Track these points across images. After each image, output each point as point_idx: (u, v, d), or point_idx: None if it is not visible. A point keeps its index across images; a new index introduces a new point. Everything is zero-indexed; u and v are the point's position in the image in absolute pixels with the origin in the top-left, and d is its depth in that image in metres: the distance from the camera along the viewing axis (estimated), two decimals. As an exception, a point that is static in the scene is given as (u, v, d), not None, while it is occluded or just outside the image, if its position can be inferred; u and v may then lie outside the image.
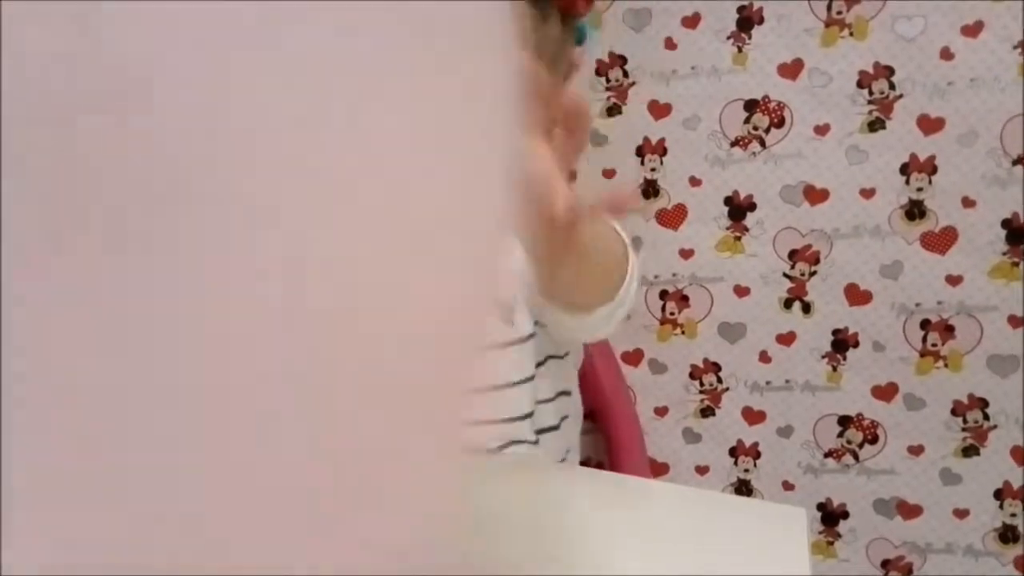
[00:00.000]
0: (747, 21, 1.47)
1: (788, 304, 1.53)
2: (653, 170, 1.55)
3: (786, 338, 1.54)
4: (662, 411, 1.62)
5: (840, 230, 1.49)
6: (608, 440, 1.55)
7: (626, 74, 1.53)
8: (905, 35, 1.40)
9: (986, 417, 1.48)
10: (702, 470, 1.63)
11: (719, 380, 1.59)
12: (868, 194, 1.47)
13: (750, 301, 1.55)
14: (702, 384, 1.60)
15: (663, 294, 1.58)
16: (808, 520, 1.05)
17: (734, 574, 0.53)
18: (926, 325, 1.48)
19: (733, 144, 1.51)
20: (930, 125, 1.42)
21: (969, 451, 1.50)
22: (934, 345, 1.48)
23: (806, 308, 1.52)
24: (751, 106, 1.49)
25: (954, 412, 1.49)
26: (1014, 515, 1.50)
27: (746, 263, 1.54)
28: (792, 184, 1.50)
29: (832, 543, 1.59)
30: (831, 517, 1.58)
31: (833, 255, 1.50)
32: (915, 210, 1.45)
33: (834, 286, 1.51)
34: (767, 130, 1.49)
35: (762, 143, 1.50)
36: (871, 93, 1.44)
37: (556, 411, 0.88)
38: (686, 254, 1.55)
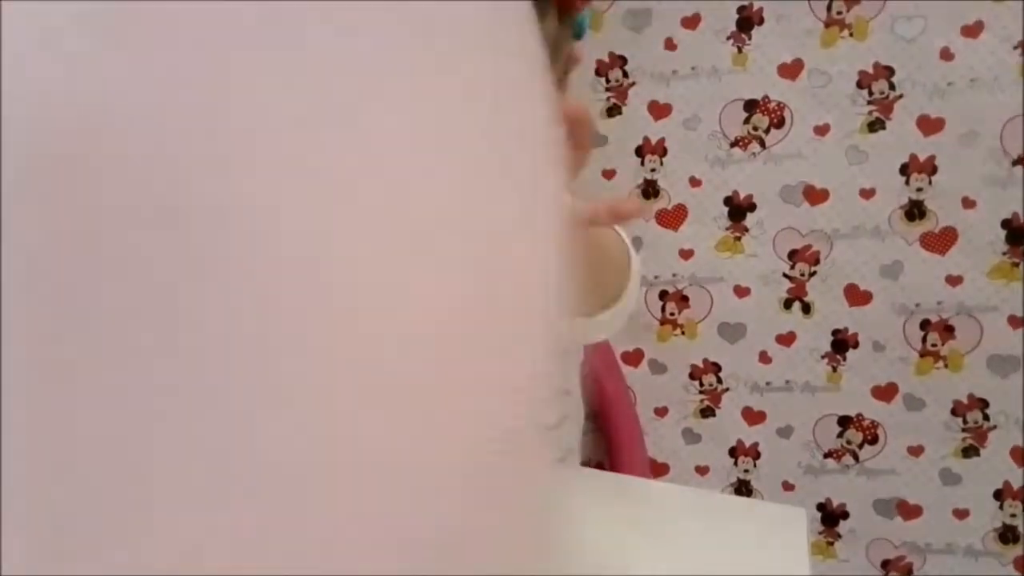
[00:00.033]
0: (747, 21, 1.47)
1: (788, 304, 1.53)
2: (653, 170, 1.55)
3: (786, 338, 1.54)
4: (662, 411, 1.62)
5: (840, 230, 1.49)
6: (608, 440, 1.55)
7: (626, 74, 1.54)
8: (905, 35, 1.40)
9: (986, 417, 1.48)
10: (702, 470, 1.63)
11: (719, 380, 1.59)
12: (868, 194, 1.47)
13: (750, 301, 1.55)
14: (702, 384, 1.60)
15: (663, 294, 1.58)
16: (808, 520, 1.05)
17: (734, 574, 0.53)
18: (926, 325, 1.48)
19: (733, 144, 1.51)
20: (930, 125, 1.42)
21: (969, 451, 1.50)
22: (934, 345, 1.48)
23: (806, 308, 1.52)
24: (751, 106, 1.49)
25: (954, 412, 1.49)
26: (1014, 515, 1.50)
27: (746, 263, 1.54)
28: (792, 184, 1.50)
29: (832, 543, 1.59)
30: (831, 517, 1.58)
31: (833, 255, 1.50)
32: (915, 210, 1.45)
33: (834, 286, 1.51)
34: (767, 130, 1.49)
35: (762, 143, 1.50)
36: (871, 93, 1.44)
37: (555, 411, 0.88)
38: (686, 254, 1.56)
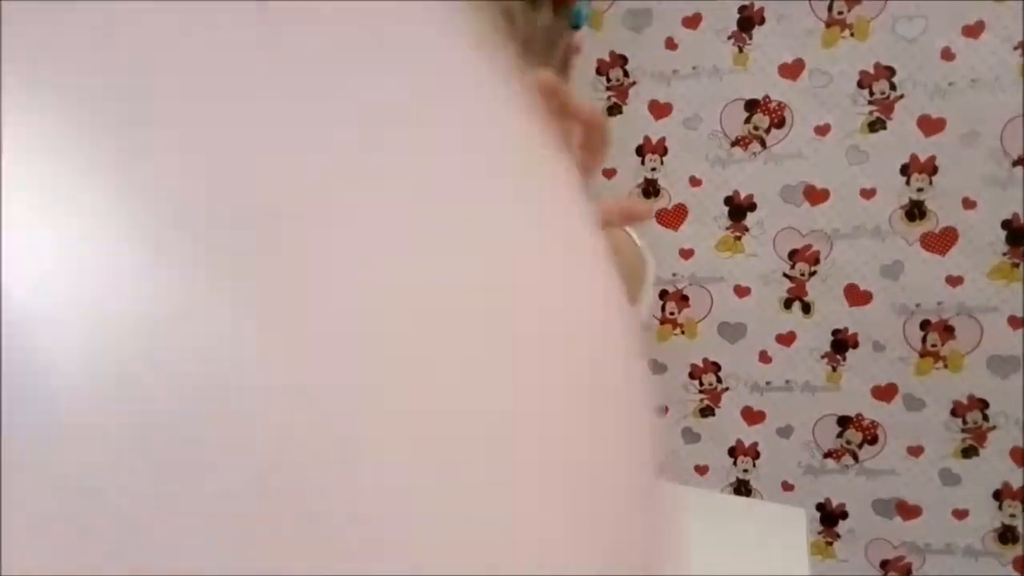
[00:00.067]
0: (748, 21, 1.47)
1: (788, 304, 1.53)
2: (653, 170, 1.55)
3: (786, 338, 1.54)
4: (662, 411, 1.63)
5: (840, 230, 1.49)
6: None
7: (627, 74, 1.53)
8: (906, 35, 1.40)
9: (985, 418, 1.48)
10: (701, 470, 1.63)
11: (719, 380, 1.59)
12: (868, 194, 1.47)
13: (750, 301, 1.55)
14: (702, 384, 1.60)
15: (663, 294, 1.58)
16: (807, 520, 1.05)
17: (734, 574, 0.53)
18: (926, 325, 1.48)
19: (734, 144, 1.51)
20: (931, 125, 1.42)
21: (969, 452, 1.50)
22: (934, 345, 1.48)
23: (806, 308, 1.52)
24: (752, 106, 1.49)
25: (954, 413, 1.49)
26: (1013, 515, 1.50)
27: (746, 263, 1.54)
28: (792, 184, 1.50)
29: (831, 543, 1.59)
30: (830, 517, 1.58)
31: (833, 255, 1.50)
32: (915, 210, 1.45)
33: (834, 286, 1.51)
34: (768, 130, 1.49)
35: (763, 143, 1.50)
36: (872, 93, 1.44)
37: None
38: (686, 254, 1.56)
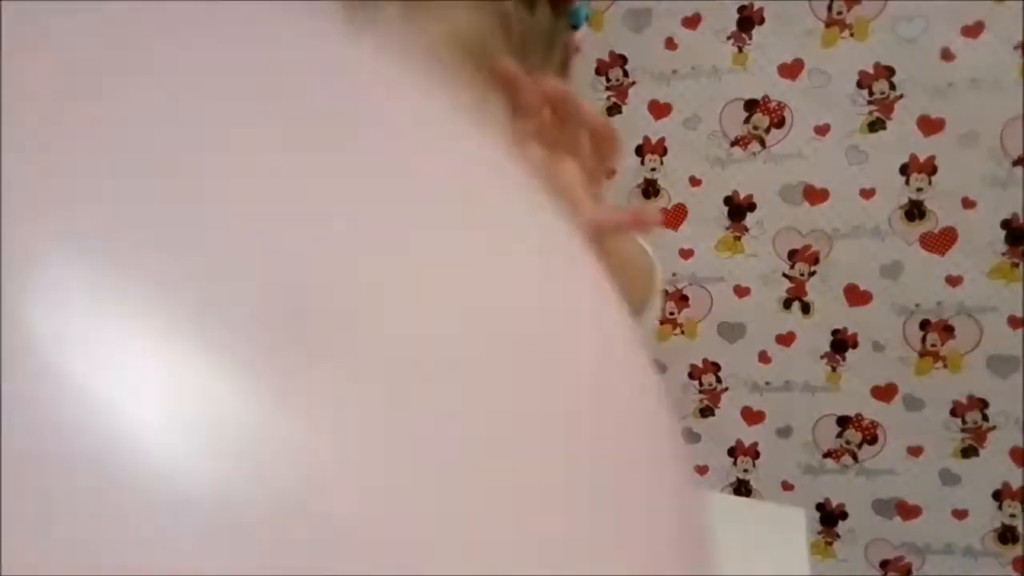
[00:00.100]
0: (747, 21, 1.47)
1: (788, 304, 1.53)
2: (653, 170, 1.55)
3: (785, 338, 1.54)
4: (661, 411, 1.62)
5: (840, 230, 1.49)
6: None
7: (626, 74, 1.53)
8: (906, 36, 1.40)
9: (985, 418, 1.48)
10: (701, 470, 1.63)
11: (718, 380, 1.59)
12: (868, 194, 1.47)
13: (750, 301, 1.55)
14: (701, 384, 1.60)
15: (663, 294, 1.58)
16: (807, 520, 1.05)
17: (733, 574, 0.53)
18: (925, 325, 1.48)
19: (733, 144, 1.51)
20: (930, 126, 1.42)
21: (968, 452, 1.50)
22: (933, 345, 1.48)
23: (805, 308, 1.52)
24: (751, 106, 1.49)
25: (953, 413, 1.49)
26: (1013, 516, 1.50)
27: (746, 263, 1.54)
28: (792, 184, 1.50)
29: (831, 543, 1.59)
30: (830, 517, 1.58)
31: (833, 255, 1.50)
32: (915, 210, 1.45)
33: (834, 286, 1.51)
34: (767, 130, 1.49)
35: (762, 143, 1.50)
36: (871, 93, 1.44)
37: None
38: (686, 254, 1.55)
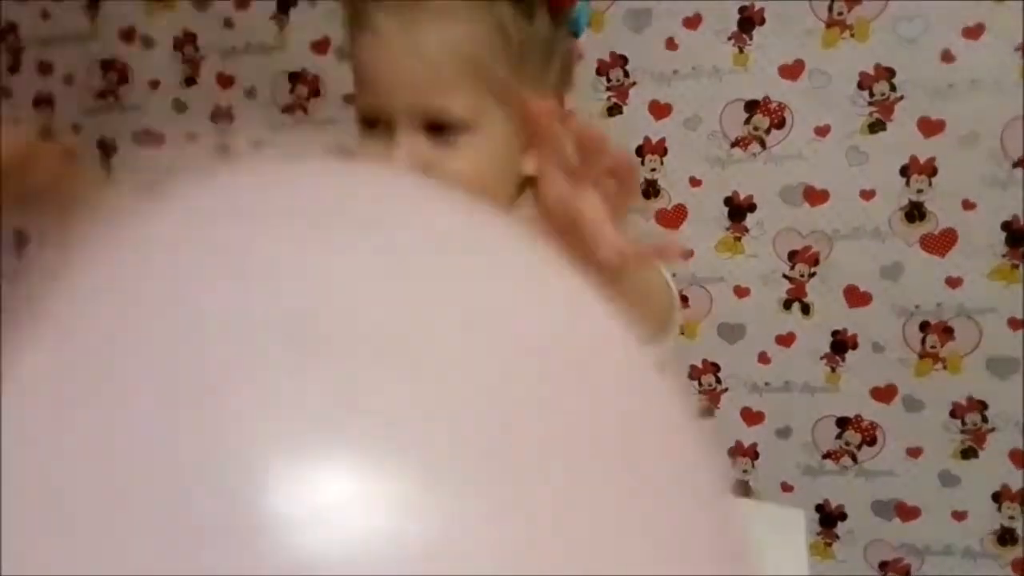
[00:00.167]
0: (748, 22, 1.47)
1: (787, 305, 1.53)
2: (653, 170, 1.55)
3: (785, 339, 1.54)
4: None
5: (840, 231, 1.48)
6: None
7: (627, 74, 1.53)
8: (906, 36, 1.40)
9: (985, 419, 1.48)
10: (700, 471, 1.62)
11: (718, 380, 1.59)
12: (868, 195, 1.46)
13: (750, 302, 1.54)
14: (701, 384, 1.60)
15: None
16: (806, 521, 1.05)
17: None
18: (925, 327, 1.48)
19: (733, 145, 1.51)
20: (930, 127, 1.42)
21: (968, 453, 1.49)
22: (933, 347, 1.48)
23: (805, 309, 1.52)
24: (752, 107, 1.49)
25: (953, 414, 1.49)
26: (1012, 517, 1.49)
27: (746, 264, 1.54)
28: (792, 185, 1.49)
29: (830, 544, 1.59)
30: (829, 518, 1.58)
31: (833, 256, 1.50)
32: (915, 212, 1.45)
33: (834, 287, 1.50)
34: (767, 131, 1.49)
35: (762, 144, 1.49)
36: (872, 94, 1.44)
37: None
38: (686, 254, 1.55)
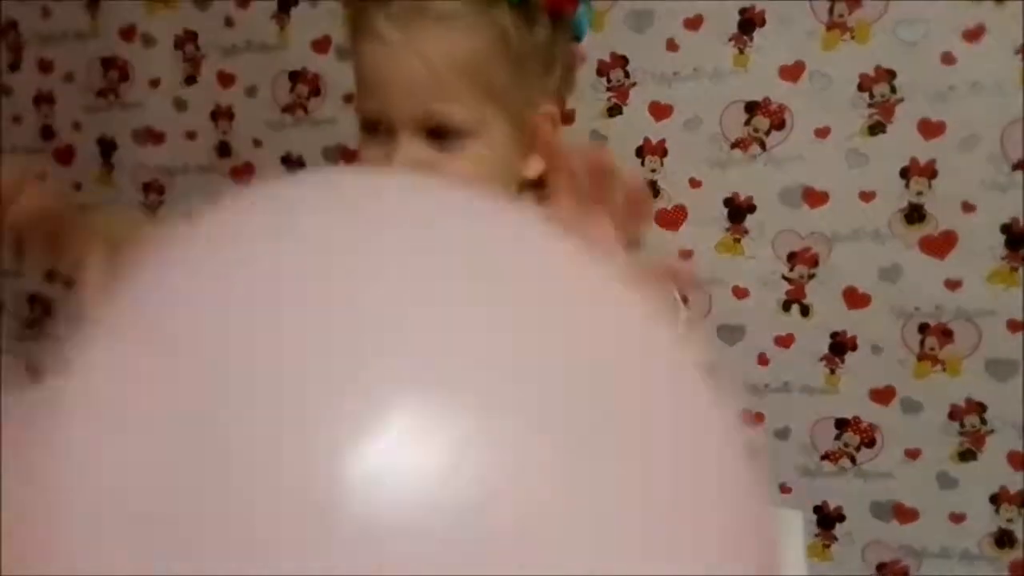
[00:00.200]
0: (749, 23, 1.47)
1: (787, 306, 1.53)
2: (653, 171, 1.55)
3: (784, 340, 1.54)
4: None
5: (839, 233, 1.48)
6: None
7: (627, 75, 1.53)
8: (907, 39, 1.40)
9: (983, 422, 1.48)
10: (699, 472, 1.62)
11: (717, 382, 1.59)
12: (868, 197, 1.46)
13: (749, 303, 1.54)
14: (700, 385, 1.60)
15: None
16: (804, 523, 1.05)
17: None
18: (924, 329, 1.48)
19: (733, 146, 1.51)
20: (930, 129, 1.42)
21: (966, 455, 1.49)
22: (932, 349, 1.48)
23: (804, 310, 1.52)
24: (752, 108, 1.49)
25: (952, 416, 1.49)
26: (1010, 520, 1.49)
27: (745, 265, 1.53)
28: (792, 186, 1.50)
29: (828, 546, 1.59)
30: (827, 520, 1.58)
31: (832, 258, 1.50)
32: (915, 214, 1.45)
33: (833, 289, 1.50)
34: (768, 132, 1.49)
35: (763, 145, 1.49)
36: (872, 96, 1.44)
37: None
38: (685, 255, 1.55)
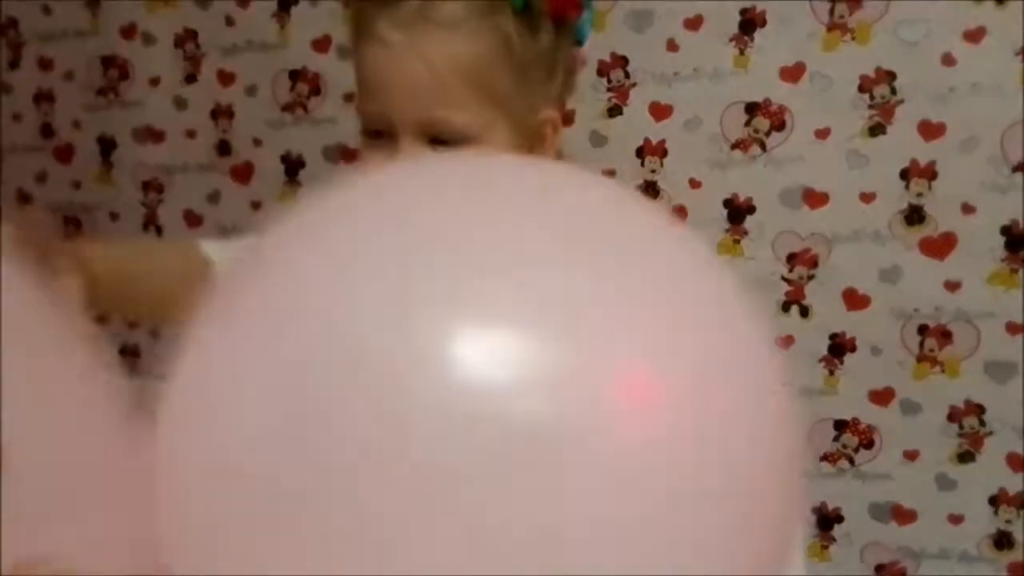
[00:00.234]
0: (749, 24, 1.47)
1: (786, 307, 1.53)
2: (653, 171, 1.55)
3: (783, 341, 1.54)
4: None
5: (839, 234, 1.48)
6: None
7: (627, 75, 1.53)
8: (907, 40, 1.40)
9: (982, 423, 1.48)
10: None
11: (716, 382, 1.59)
12: (868, 198, 1.46)
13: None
14: (699, 386, 1.60)
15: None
16: (803, 524, 1.05)
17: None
18: (924, 330, 1.48)
19: (734, 147, 1.50)
20: (931, 130, 1.42)
21: (965, 457, 1.49)
22: (931, 350, 1.48)
23: (804, 311, 1.52)
24: (752, 109, 1.49)
25: (950, 418, 1.49)
26: (1009, 521, 1.49)
27: (744, 266, 1.53)
28: (792, 187, 1.49)
29: (827, 547, 1.58)
30: (826, 521, 1.58)
31: (832, 259, 1.50)
32: (914, 215, 1.45)
33: (832, 290, 1.50)
34: (768, 133, 1.49)
35: (763, 146, 1.49)
36: (872, 97, 1.44)
37: None
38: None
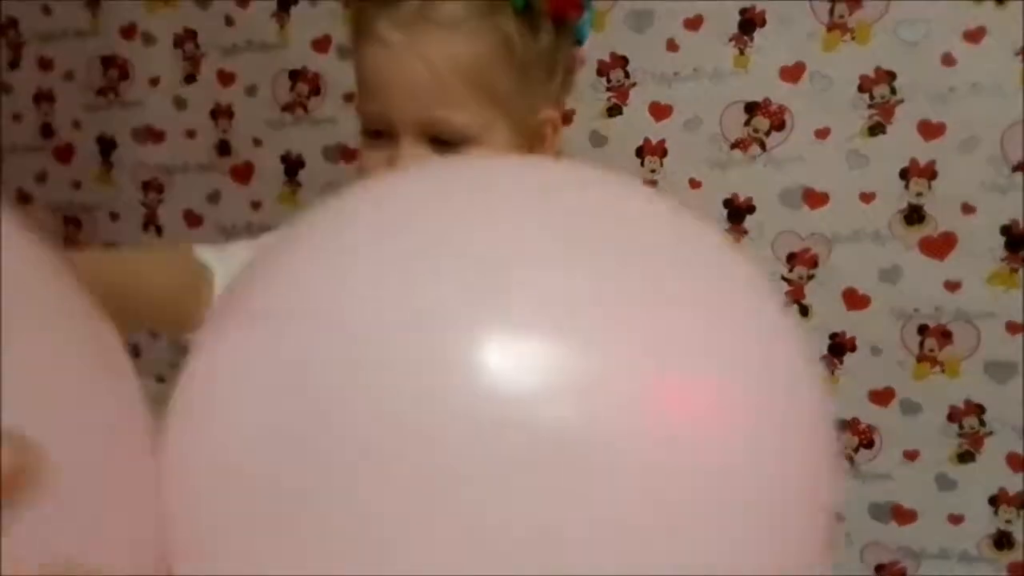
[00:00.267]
0: (749, 23, 1.47)
1: (786, 307, 1.53)
2: (653, 171, 1.54)
3: (784, 341, 1.54)
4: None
5: (839, 234, 1.48)
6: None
7: (627, 75, 1.53)
8: (907, 40, 1.40)
9: (982, 423, 1.48)
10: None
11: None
12: (868, 198, 1.46)
13: (748, 304, 1.54)
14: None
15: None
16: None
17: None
18: (924, 330, 1.47)
19: (733, 146, 1.50)
20: (931, 130, 1.42)
21: (965, 457, 1.49)
22: (931, 350, 1.48)
23: (804, 311, 1.52)
24: (752, 108, 1.49)
25: (950, 418, 1.49)
26: (1009, 521, 1.49)
27: (745, 266, 1.53)
28: (792, 187, 1.49)
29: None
30: (826, 521, 1.58)
31: (832, 259, 1.50)
32: (914, 215, 1.45)
33: (832, 290, 1.50)
34: (768, 133, 1.49)
35: (762, 146, 1.49)
36: (872, 97, 1.44)
37: None
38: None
